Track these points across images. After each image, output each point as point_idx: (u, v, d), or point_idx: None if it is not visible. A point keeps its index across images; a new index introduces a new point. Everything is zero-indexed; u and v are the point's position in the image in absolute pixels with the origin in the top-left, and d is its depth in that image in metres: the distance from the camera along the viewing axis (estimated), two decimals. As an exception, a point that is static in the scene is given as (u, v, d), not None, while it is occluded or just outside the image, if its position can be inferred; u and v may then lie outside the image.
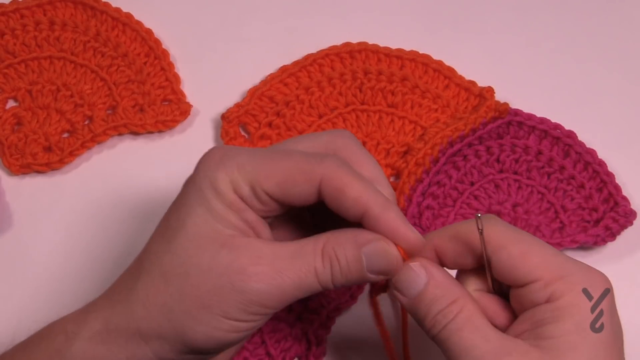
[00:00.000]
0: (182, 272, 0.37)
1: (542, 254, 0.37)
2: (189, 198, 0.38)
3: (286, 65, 0.60)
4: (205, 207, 0.38)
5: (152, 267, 0.38)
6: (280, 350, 0.48)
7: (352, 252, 0.38)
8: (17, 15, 0.61)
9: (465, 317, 0.37)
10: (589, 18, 0.64)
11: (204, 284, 0.37)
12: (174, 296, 0.37)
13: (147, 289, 0.38)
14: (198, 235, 0.37)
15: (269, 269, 0.37)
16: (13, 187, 0.55)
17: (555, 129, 0.56)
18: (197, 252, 0.37)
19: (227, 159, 0.38)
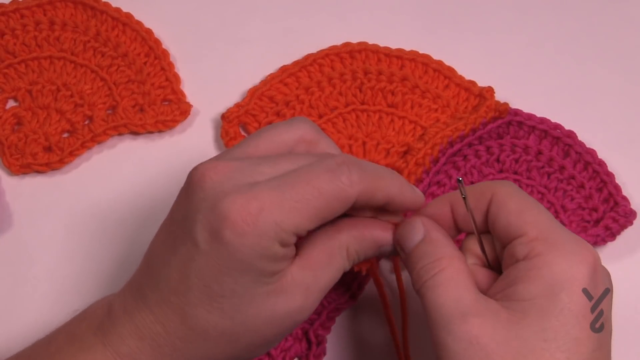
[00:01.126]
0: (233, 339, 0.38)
1: (538, 215, 0.37)
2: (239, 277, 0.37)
3: (286, 65, 0.60)
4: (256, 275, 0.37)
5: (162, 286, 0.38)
6: (280, 350, 0.48)
7: (372, 252, 0.40)
8: (17, 15, 0.61)
9: (447, 276, 0.37)
10: (589, 18, 0.64)
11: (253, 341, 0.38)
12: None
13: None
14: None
15: (315, 296, 0.39)
16: (13, 187, 0.55)
17: (555, 129, 0.56)
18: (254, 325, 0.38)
19: (262, 218, 0.36)
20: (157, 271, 0.38)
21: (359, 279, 0.50)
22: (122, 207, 0.55)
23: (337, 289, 0.50)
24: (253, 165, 0.37)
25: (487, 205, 0.39)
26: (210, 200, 0.36)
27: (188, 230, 0.36)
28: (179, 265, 0.37)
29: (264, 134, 0.40)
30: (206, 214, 0.36)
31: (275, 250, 0.36)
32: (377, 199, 0.39)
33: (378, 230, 0.40)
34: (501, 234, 0.38)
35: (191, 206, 0.37)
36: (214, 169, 0.37)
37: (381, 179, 0.39)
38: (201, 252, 0.36)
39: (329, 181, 0.37)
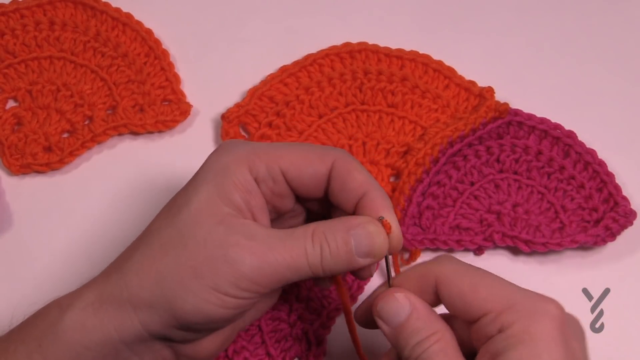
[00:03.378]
0: (180, 243, 0.38)
1: (490, 287, 0.37)
2: (198, 178, 0.40)
3: (286, 65, 0.60)
4: (213, 185, 0.39)
5: (152, 240, 0.40)
6: (281, 350, 0.48)
7: (341, 235, 0.39)
8: (17, 15, 0.61)
9: (439, 348, 0.37)
10: (589, 18, 0.64)
11: (199, 254, 0.38)
12: (168, 265, 0.38)
13: (144, 259, 0.39)
14: (199, 211, 0.39)
15: (262, 245, 0.38)
16: (13, 187, 0.55)
17: (555, 129, 0.56)
18: (195, 226, 0.38)
19: (243, 143, 0.41)
20: None
21: (359, 280, 0.50)
22: (121, 207, 0.55)
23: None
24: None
25: (433, 287, 0.39)
26: None
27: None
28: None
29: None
30: None
31: (236, 166, 0.40)
32: (354, 182, 0.41)
33: (348, 217, 0.41)
34: (462, 314, 0.38)
35: None
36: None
37: (363, 168, 0.42)
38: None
39: (317, 145, 0.43)
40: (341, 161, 0.41)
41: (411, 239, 0.51)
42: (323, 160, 0.41)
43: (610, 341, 0.49)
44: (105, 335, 0.38)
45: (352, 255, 0.39)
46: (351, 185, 0.40)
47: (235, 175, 0.39)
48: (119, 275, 0.39)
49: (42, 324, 0.39)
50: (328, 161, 0.41)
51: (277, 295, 0.44)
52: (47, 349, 0.38)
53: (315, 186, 0.41)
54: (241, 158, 0.40)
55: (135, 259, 0.39)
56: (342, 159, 0.41)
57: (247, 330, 0.49)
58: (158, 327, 0.38)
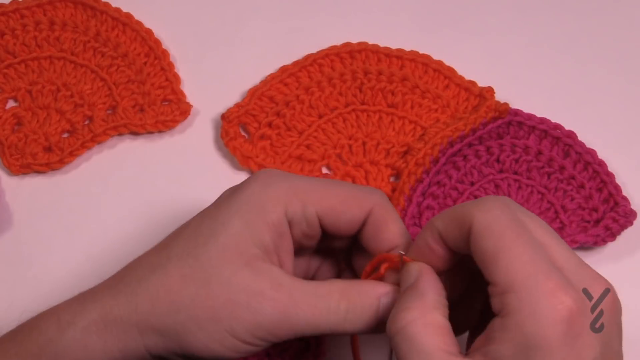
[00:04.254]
0: (202, 278, 0.37)
1: (515, 258, 0.33)
2: (230, 209, 0.39)
3: (286, 65, 0.60)
4: (245, 220, 0.38)
5: (171, 268, 0.38)
6: (280, 350, 0.48)
7: (368, 301, 0.38)
8: (17, 15, 0.61)
9: (414, 330, 0.35)
10: (589, 18, 0.64)
11: (220, 296, 0.37)
12: (185, 300, 0.37)
13: (160, 287, 0.38)
14: (227, 247, 0.38)
15: (286, 297, 0.37)
16: (13, 187, 0.55)
17: (555, 129, 0.56)
18: (220, 264, 0.37)
19: (281, 178, 0.39)
20: None
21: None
22: (122, 207, 0.55)
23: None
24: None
25: (467, 235, 0.35)
26: None
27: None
28: None
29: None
30: None
31: (272, 205, 0.39)
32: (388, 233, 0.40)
33: (377, 282, 0.39)
34: (480, 275, 0.35)
35: None
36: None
37: (400, 220, 0.41)
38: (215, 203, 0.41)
39: (357, 186, 0.42)
40: (379, 209, 0.40)
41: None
42: (361, 206, 0.40)
43: (610, 341, 0.49)
44: (109, 355, 0.38)
45: (377, 321, 0.38)
46: (385, 235, 0.40)
47: (270, 215, 0.38)
48: (128, 296, 0.38)
49: (40, 339, 0.38)
50: (366, 207, 0.40)
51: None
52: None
53: (350, 230, 0.40)
54: (278, 197, 0.39)
55: (151, 283, 0.38)
56: (380, 206, 0.40)
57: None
58: (162, 351, 0.38)
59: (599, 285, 0.35)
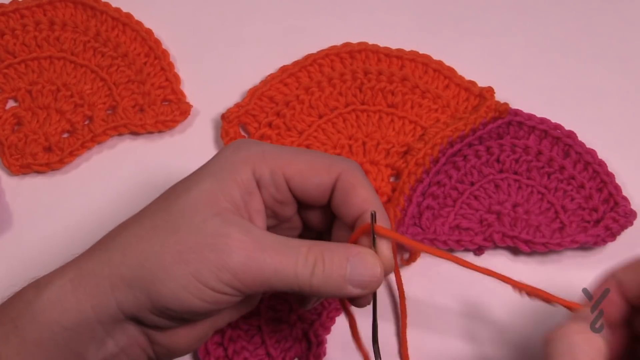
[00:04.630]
0: (171, 227, 0.38)
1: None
2: (202, 171, 0.40)
3: (286, 65, 0.60)
4: (215, 178, 0.39)
5: (144, 221, 0.39)
6: (281, 350, 0.48)
7: (338, 258, 0.38)
8: (17, 15, 0.61)
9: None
10: (589, 18, 0.64)
11: (188, 240, 0.37)
12: (155, 246, 0.37)
13: (131, 238, 0.38)
14: (197, 200, 0.38)
15: (253, 243, 0.37)
16: (13, 187, 0.55)
17: (555, 129, 0.56)
18: (191, 213, 0.38)
19: (255, 144, 0.41)
20: None
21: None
22: (122, 207, 0.54)
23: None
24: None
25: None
26: None
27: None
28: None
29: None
30: None
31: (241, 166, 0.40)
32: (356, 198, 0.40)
33: (349, 244, 0.40)
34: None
35: None
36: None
37: (369, 185, 0.41)
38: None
39: (326, 154, 0.43)
40: (347, 174, 0.40)
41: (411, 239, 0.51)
42: (329, 171, 0.40)
43: (610, 341, 0.49)
44: (83, 314, 0.38)
45: (344, 281, 0.38)
46: (353, 200, 0.40)
47: (239, 174, 0.39)
48: (102, 252, 0.39)
49: (19, 304, 0.38)
50: (334, 172, 0.40)
51: (256, 303, 0.43)
52: (24, 329, 0.38)
53: (319, 196, 0.41)
54: (247, 159, 0.40)
55: (123, 236, 0.39)
56: (348, 171, 0.40)
57: (247, 330, 0.49)
58: (133, 308, 0.38)
59: None
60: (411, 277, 0.52)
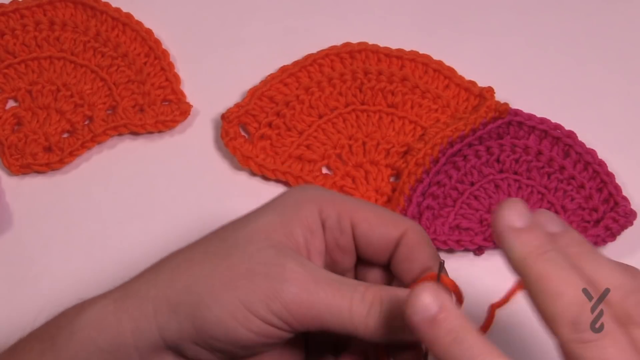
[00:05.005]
0: (224, 253, 0.36)
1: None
2: (265, 206, 0.39)
3: (286, 66, 0.60)
4: (278, 214, 0.37)
5: (196, 247, 0.38)
6: None
7: (396, 295, 0.36)
8: (17, 15, 0.61)
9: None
10: (589, 18, 0.64)
11: (240, 266, 0.36)
12: (204, 270, 0.36)
13: (181, 261, 0.37)
14: (255, 231, 0.37)
15: (307, 275, 0.36)
16: (13, 187, 0.55)
17: (555, 129, 0.56)
18: (245, 243, 0.36)
19: (320, 188, 0.40)
20: None
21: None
22: (122, 207, 0.55)
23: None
24: None
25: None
26: None
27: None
28: None
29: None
30: None
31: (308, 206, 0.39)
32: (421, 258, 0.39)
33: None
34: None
35: None
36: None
37: (432, 246, 0.40)
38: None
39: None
40: (414, 231, 0.39)
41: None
42: (397, 226, 0.39)
43: (610, 341, 0.49)
44: (121, 336, 0.36)
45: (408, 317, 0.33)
46: (419, 256, 0.38)
47: (303, 211, 0.38)
48: (150, 273, 0.37)
49: (61, 321, 0.37)
50: (401, 227, 0.39)
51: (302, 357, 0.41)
52: (60, 347, 0.36)
53: (382, 249, 0.39)
54: (315, 198, 0.38)
55: (173, 260, 0.37)
56: (415, 229, 0.39)
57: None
58: (174, 335, 0.36)
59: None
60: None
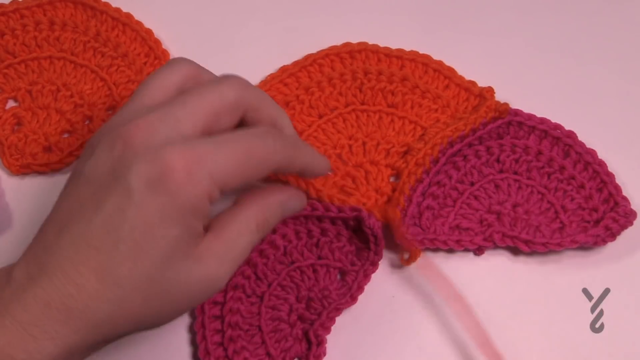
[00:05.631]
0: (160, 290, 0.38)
1: None
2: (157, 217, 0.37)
3: (286, 66, 0.60)
4: (185, 229, 0.38)
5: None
6: (281, 350, 0.48)
7: (280, 215, 0.45)
8: (17, 15, 0.61)
9: None
10: (589, 18, 0.64)
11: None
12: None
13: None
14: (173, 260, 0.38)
15: (227, 267, 0.40)
16: (13, 187, 0.55)
17: (555, 129, 0.56)
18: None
19: (199, 168, 0.37)
20: (72, 231, 0.37)
21: (359, 280, 0.50)
22: (122, 207, 0.54)
23: (337, 289, 0.50)
24: (168, 115, 0.39)
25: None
26: (146, 154, 0.37)
27: (117, 185, 0.36)
28: (104, 222, 0.36)
29: (153, 82, 0.42)
30: (144, 166, 0.36)
31: (204, 204, 0.38)
32: (293, 168, 0.43)
33: (279, 194, 0.45)
34: None
35: (120, 162, 0.37)
36: (136, 126, 0.38)
37: (299, 150, 0.43)
38: (135, 205, 0.36)
39: (259, 146, 0.40)
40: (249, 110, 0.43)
41: (411, 239, 0.51)
42: (268, 168, 0.41)
43: (610, 341, 0.49)
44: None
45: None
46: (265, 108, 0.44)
47: (204, 211, 0.39)
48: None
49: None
50: (271, 167, 0.41)
51: None
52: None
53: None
54: (204, 196, 0.39)
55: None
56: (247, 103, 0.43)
57: (247, 330, 0.49)
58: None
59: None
60: (410, 277, 0.52)
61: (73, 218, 0.37)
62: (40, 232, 0.39)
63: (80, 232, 0.37)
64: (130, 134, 0.37)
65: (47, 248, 0.37)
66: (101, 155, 0.38)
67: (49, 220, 0.39)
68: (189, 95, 0.40)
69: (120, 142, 0.37)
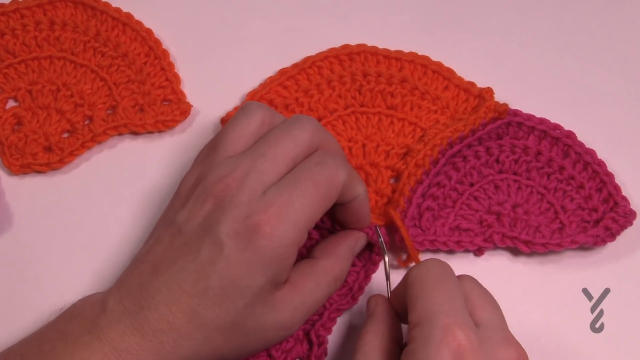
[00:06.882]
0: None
1: (428, 299, 0.39)
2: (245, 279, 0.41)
3: (285, 68, 0.60)
4: (268, 279, 0.42)
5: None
6: (282, 351, 0.48)
7: (351, 259, 0.48)
8: (17, 15, 0.61)
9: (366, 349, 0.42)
10: (589, 18, 0.64)
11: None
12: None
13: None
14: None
15: (301, 316, 0.45)
16: (13, 187, 0.55)
17: (554, 130, 0.56)
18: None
19: (281, 221, 0.41)
20: (166, 275, 0.41)
21: (359, 280, 0.50)
22: (122, 207, 0.54)
23: (338, 290, 0.50)
24: (253, 170, 0.42)
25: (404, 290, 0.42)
26: (235, 210, 0.41)
27: (208, 238, 0.41)
28: (196, 270, 0.40)
29: (233, 133, 0.45)
30: (232, 223, 0.40)
31: (291, 252, 0.41)
32: (351, 193, 0.45)
33: (348, 239, 0.48)
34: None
35: (212, 217, 0.41)
36: (226, 186, 0.42)
37: (354, 172, 0.46)
38: (225, 258, 0.40)
39: (320, 172, 0.43)
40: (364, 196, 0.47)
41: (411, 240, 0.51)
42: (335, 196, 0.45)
43: (610, 341, 0.49)
44: None
45: None
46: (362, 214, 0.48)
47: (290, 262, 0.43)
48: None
49: (82, 322, 0.41)
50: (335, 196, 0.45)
51: None
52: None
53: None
54: (294, 250, 0.43)
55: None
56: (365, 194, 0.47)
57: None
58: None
59: (507, 349, 0.39)
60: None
61: (166, 262, 0.41)
62: (134, 269, 0.43)
63: (174, 276, 0.41)
64: (220, 193, 0.42)
65: (142, 285, 0.41)
66: (193, 209, 0.42)
67: (142, 260, 0.43)
68: (267, 146, 0.44)
69: (212, 199, 0.42)
